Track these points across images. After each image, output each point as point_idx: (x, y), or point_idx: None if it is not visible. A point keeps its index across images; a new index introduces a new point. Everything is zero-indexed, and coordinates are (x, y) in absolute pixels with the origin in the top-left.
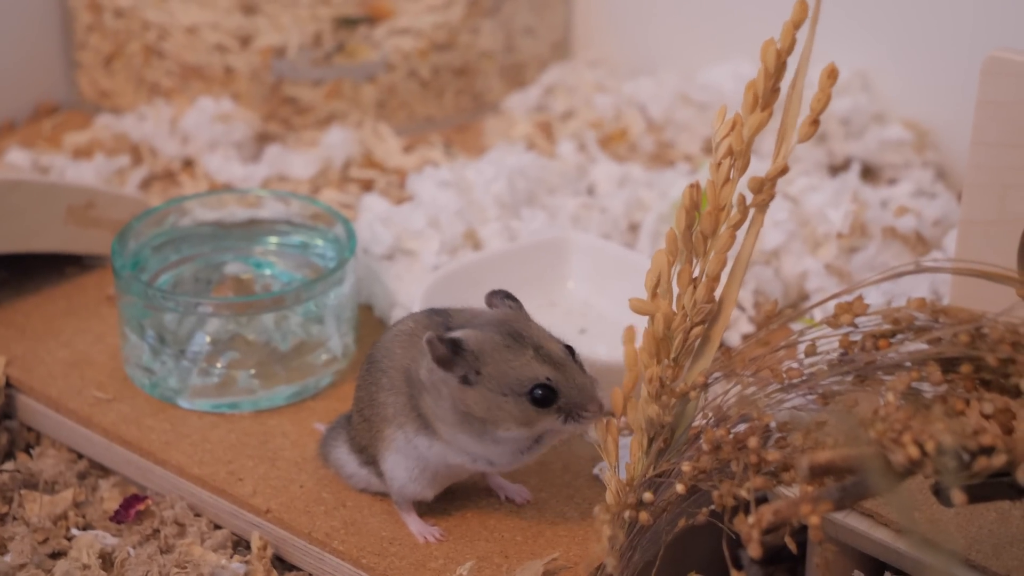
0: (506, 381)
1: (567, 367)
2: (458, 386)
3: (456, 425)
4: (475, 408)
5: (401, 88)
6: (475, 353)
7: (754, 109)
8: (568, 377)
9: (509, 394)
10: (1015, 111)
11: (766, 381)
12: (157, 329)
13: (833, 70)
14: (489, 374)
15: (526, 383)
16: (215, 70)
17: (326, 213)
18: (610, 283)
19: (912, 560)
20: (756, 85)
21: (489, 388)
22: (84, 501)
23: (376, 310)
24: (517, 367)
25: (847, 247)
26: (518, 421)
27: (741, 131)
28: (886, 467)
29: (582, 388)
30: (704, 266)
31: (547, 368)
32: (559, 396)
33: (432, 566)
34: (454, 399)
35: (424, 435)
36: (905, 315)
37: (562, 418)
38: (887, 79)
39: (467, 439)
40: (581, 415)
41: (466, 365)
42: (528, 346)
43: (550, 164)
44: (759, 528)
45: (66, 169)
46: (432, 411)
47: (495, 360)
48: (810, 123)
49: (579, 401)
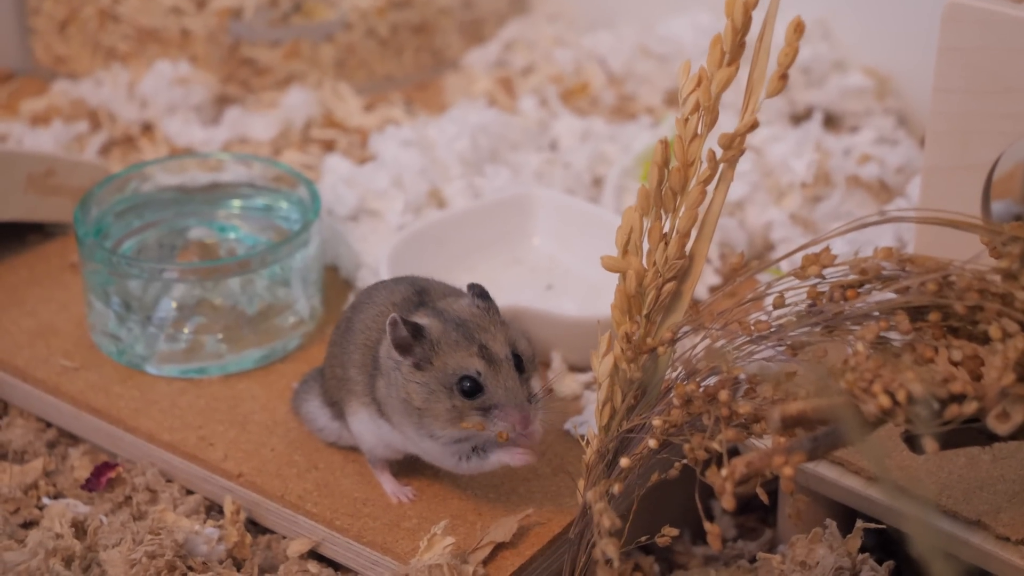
0: (444, 373)
1: (503, 369)
2: (410, 369)
3: (401, 414)
4: (415, 396)
5: (360, 47)
6: (432, 342)
7: (721, 64)
8: (500, 378)
9: (445, 387)
10: (976, 57)
11: (735, 334)
12: (122, 296)
13: (800, 24)
14: (436, 365)
15: (457, 373)
16: (171, 33)
17: (289, 175)
18: (575, 239)
19: (883, 507)
20: (723, 40)
21: (432, 377)
22: (54, 470)
23: (342, 271)
24: (455, 359)
25: (811, 196)
26: (447, 414)
27: (708, 86)
28: (857, 416)
29: (511, 392)
30: (674, 222)
31: (481, 363)
32: (484, 391)
33: (406, 526)
34: (400, 384)
35: (384, 419)
36: (872, 265)
37: (485, 416)
38: (847, 26)
39: (410, 431)
40: (499, 415)
41: (422, 352)
42: (475, 343)
43: (512, 120)
44: (732, 480)
45: (24, 137)
46: (383, 396)
47: (443, 352)
48: (779, 78)
49: (502, 403)
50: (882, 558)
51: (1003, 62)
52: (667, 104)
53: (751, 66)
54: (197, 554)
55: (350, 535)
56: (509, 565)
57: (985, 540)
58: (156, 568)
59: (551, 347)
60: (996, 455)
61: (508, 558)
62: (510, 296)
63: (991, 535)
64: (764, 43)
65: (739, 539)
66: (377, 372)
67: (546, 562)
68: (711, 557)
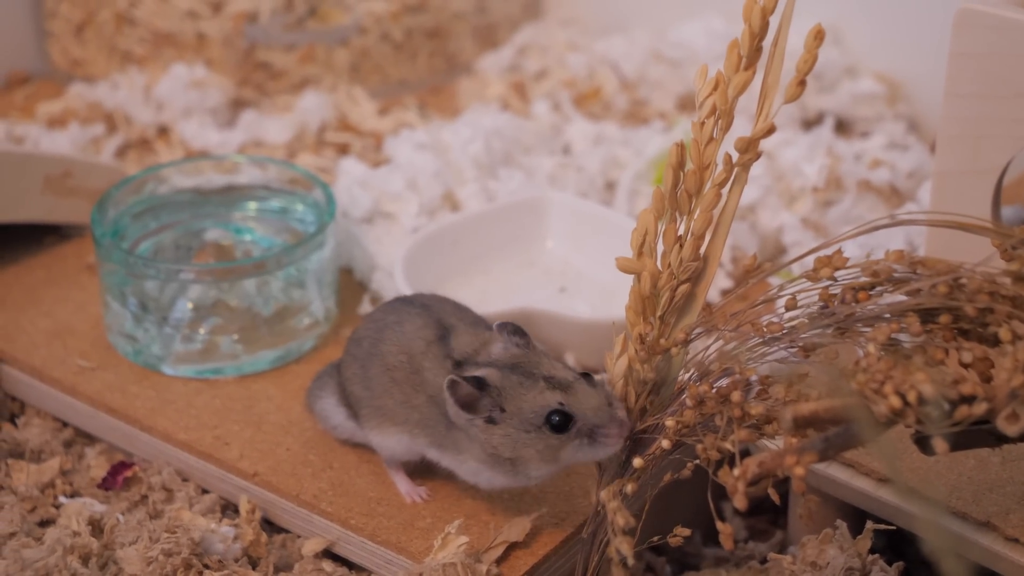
0: (525, 416)
1: (578, 390)
2: (484, 426)
3: (488, 466)
4: (502, 449)
5: (374, 51)
6: (498, 389)
7: (738, 68)
8: (581, 399)
9: (531, 429)
10: (987, 63)
11: (747, 335)
12: (139, 297)
13: (820, 31)
14: (511, 411)
15: (541, 413)
16: (187, 37)
17: (304, 178)
18: (588, 241)
19: (893, 508)
20: (740, 44)
21: (513, 426)
22: (71, 469)
23: (356, 273)
24: (530, 399)
25: (822, 201)
26: (544, 457)
27: (725, 90)
28: (869, 417)
29: (598, 409)
30: (689, 224)
31: (558, 394)
32: (575, 419)
33: (420, 525)
34: (481, 441)
35: (435, 449)
36: (884, 267)
37: (585, 441)
38: (858, 32)
39: (501, 479)
40: (603, 437)
41: (491, 403)
42: (539, 378)
43: (525, 124)
44: (744, 480)
45: (41, 139)
46: (464, 446)
47: (512, 397)
48: (797, 84)
49: (596, 422)
50: (892, 559)
51: (1014, 67)
52: (679, 109)
53: (765, 71)
54: (213, 552)
55: (364, 534)
56: (522, 564)
57: (994, 541)
58: (172, 566)
59: (564, 349)
60: (1006, 457)
61: (521, 557)
62: (523, 298)
63: (1000, 536)
64: (779, 48)
65: (750, 540)
66: (445, 420)
67: (559, 561)
68: (722, 558)
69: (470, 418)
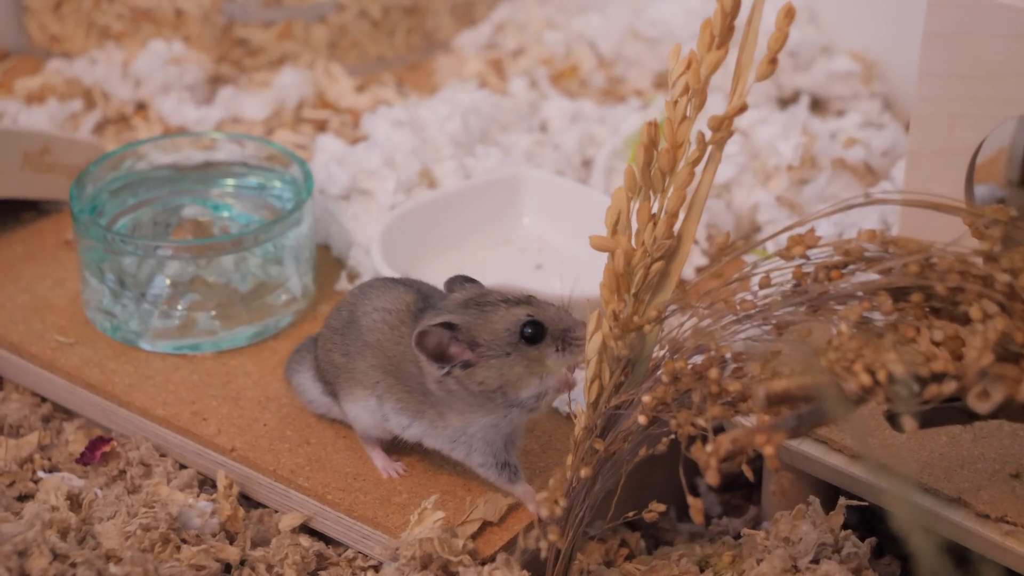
0: (500, 338)
1: (537, 303)
2: (461, 372)
3: (477, 408)
4: (489, 382)
5: (352, 28)
6: (465, 328)
7: (711, 47)
8: (543, 309)
9: (510, 350)
10: (961, 42)
11: (721, 313)
12: (117, 273)
13: (791, 9)
14: (485, 341)
15: (515, 328)
16: (165, 13)
17: (282, 154)
18: (565, 219)
19: (866, 484)
20: (712, 24)
21: (491, 355)
22: (49, 444)
23: (334, 250)
24: (499, 320)
25: (797, 179)
26: (532, 369)
27: (698, 69)
28: (840, 395)
29: (561, 313)
30: (663, 202)
31: (523, 307)
32: (546, 327)
33: (396, 500)
34: (463, 388)
35: (406, 415)
36: (856, 246)
37: (560, 346)
38: (834, 11)
39: (490, 418)
40: (574, 339)
41: (462, 344)
42: (498, 302)
43: (502, 101)
44: (717, 456)
45: (19, 115)
46: (446, 403)
47: (481, 327)
48: (768, 62)
49: (564, 326)
50: (864, 535)
51: (987, 47)
52: (656, 87)
53: (739, 50)
54: (190, 527)
55: (341, 509)
56: (497, 540)
57: (965, 517)
58: (150, 540)
59: None
60: (977, 434)
61: (496, 533)
62: (500, 275)
63: (971, 512)
64: (752, 27)
65: (724, 516)
66: (421, 387)
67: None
68: (696, 533)
69: (445, 370)
